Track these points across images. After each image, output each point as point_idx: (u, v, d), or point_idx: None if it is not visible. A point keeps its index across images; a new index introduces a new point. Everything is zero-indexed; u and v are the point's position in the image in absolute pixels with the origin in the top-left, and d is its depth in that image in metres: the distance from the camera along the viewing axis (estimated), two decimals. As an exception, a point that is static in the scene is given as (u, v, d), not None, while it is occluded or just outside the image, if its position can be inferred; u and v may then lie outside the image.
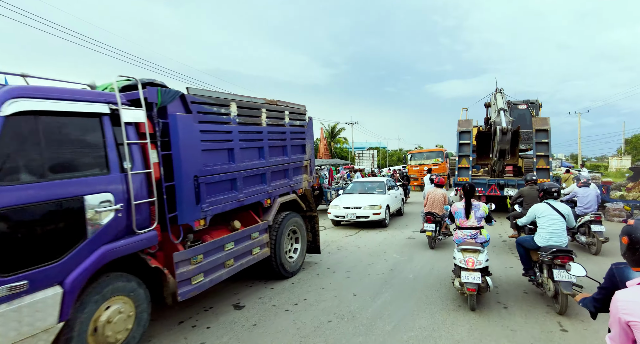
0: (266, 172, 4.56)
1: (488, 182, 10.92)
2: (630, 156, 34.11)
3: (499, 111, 9.38)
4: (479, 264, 3.97)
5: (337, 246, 7.79)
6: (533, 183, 6.93)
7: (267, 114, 4.61)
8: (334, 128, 46.55)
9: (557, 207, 4.31)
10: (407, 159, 23.67)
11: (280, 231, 4.90)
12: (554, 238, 4.14)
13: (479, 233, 4.45)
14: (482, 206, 4.57)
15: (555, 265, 3.87)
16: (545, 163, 10.43)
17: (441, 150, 22.21)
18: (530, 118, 12.48)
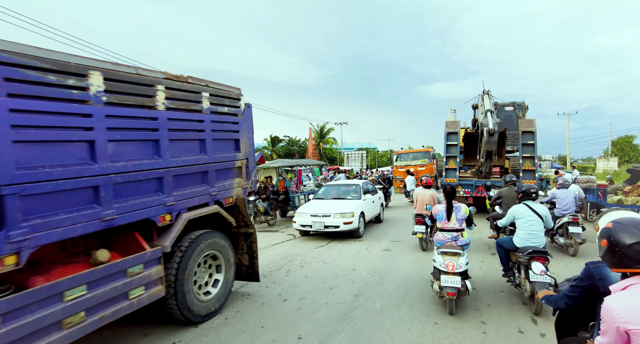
0: (164, 176, 3.15)
1: (475, 183, 10.89)
2: (617, 158, 34.23)
3: (486, 113, 9.23)
4: (459, 268, 3.86)
5: (300, 261, 6.49)
6: (512, 184, 6.92)
7: (168, 95, 3.21)
8: (322, 128, 45.58)
9: (535, 208, 4.32)
10: (393, 159, 22.39)
11: (187, 259, 3.41)
12: (532, 239, 4.15)
13: (459, 236, 4.40)
14: (463, 208, 4.49)
15: (530, 266, 3.91)
16: (531, 164, 10.33)
17: (428, 151, 20.84)
18: (517, 120, 12.46)
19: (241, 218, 4.29)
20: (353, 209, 8.08)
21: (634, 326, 1.39)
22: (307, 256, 6.81)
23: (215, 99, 3.89)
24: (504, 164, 12.49)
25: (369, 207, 9.10)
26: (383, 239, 8.10)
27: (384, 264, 6.14)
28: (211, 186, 3.78)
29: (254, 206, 9.63)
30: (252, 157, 4.56)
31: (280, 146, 44.72)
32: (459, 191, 11.06)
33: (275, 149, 44.44)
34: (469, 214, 4.50)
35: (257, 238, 4.53)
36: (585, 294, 1.99)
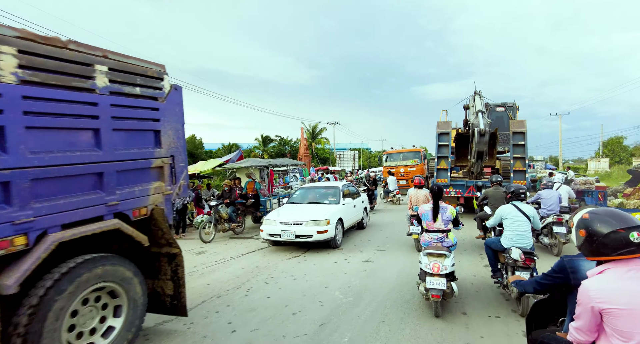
0: (11, 180, 2.14)
1: (466, 183, 10.90)
2: (607, 159, 34.21)
3: (477, 113, 9.20)
4: (445, 269, 3.79)
5: (267, 276, 5.55)
6: (498, 184, 6.98)
7: (24, 62, 2.22)
8: (315, 128, 45.00)
9: (522, 209, 4.29)
10: (383, 160, 21.27)
11: (49, 304, 2.29)
12: (519, 240, 4.11)
13: (445, 236, 4.35)
14: (449, 209, 4.44)
15: (517, 267, 3.88)
16: (521, 165, 10.35)
17: (419, 151, 19.90)
18: (508, 121, 12.54)
19: (161, 235, 3.25)
20: (329, 215, 7.07)
21: (609, 305, 1.48)
22: (276, 270, 5.88)
23: (119, 75, 2.87)
24: (495, 164, 12.45)
25: (348, 213, 8.11)
26: (365, 248, 7.20)
27: (362, 279, 5.25)
28: (108, 192, 2.75)
29: (215, 212, 8.53)
30: (181, 155, 3.58)
31: (272, 146, 44.02)
32: (450, 191, 11.00)
33: (266, 149, 43.70)
34: (456, 215, 4.45)
35: (183, 260, 3.51)
36: (555, 284, 2.06)
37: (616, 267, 1.57)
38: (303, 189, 9.07)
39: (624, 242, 1.55)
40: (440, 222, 4.34)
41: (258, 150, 43.81)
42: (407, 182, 18.86)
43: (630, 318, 1.45)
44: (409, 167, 18.90)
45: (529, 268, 3.80)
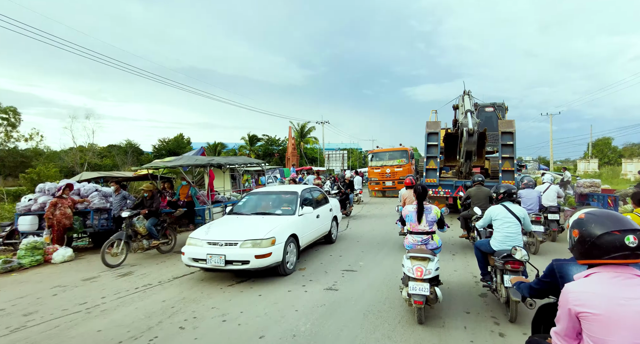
0: None
1: (455, 183, 10.81)
2: (597, 159, 34.03)
3: (465, 113, 9.14)
4: (428, 274, 3.55)
5: (188, 315, 4.07)
6: (480, 184, 7.02)
7: None
8: (303, 127, 44.09)
9: (513, 210, 4.12)
10: (368, 159, 19.86)
11: None
12: (509, 242, 3.92)
13: (430, 239, 4.09)
14: (434, 210, 4.17)
15: (506, 270, 3.68)
16: (510, 165, 10.23)
17: (406, 150, 18.50)
18: (497, 121, 12.38)
19: None
20: (275, 232, 5.25)
21: (585, 308, 1.43)
22: (206, 305, 4.37)
23: None
24: (484, 164, 12.32)
25: (308, 226, 6.34)
26: (332, 269, 5.73)
27: (315, 320, 3.83)
28: None
29: (127, 227, 6.42)
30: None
31: (259, 146, 42.80)
32: (439, 191, 10.93)
33: (253, 148, 42.46)
34: (440, 216, 4.23)
35: None
36: (547, 289, 2.01)
37: (603, 271, 1.50)
38: (251, 195, 7.20)
39: (618, 245, 1.47)
40: (425, 224, 4.10)
41: (245, 149, 42.50)
42: (393, 183, 17.85)
43: (604, 324, 1.38)
44: (396, 167, 17.80)
45: (517, 272, 3.63)
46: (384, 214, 12.18)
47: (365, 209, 13.90)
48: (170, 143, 36.80)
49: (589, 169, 31.04)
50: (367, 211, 13.48)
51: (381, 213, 12.60)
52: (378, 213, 12.70)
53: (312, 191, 7.48)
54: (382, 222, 10.58)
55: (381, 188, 18.63)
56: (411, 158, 18.20)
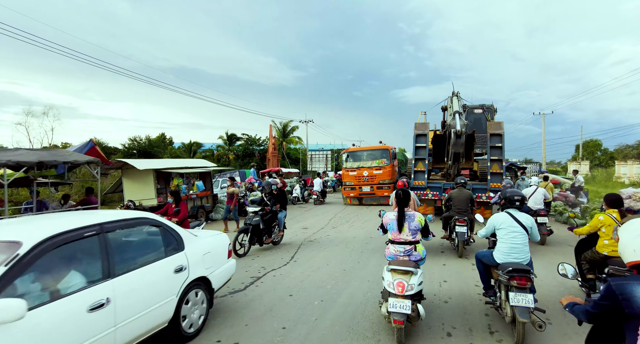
0: None
1: (443, 186, 11.28)
2: (588, 161, 35.89)
3: (454, 114, 9.46)
4: (410, 289, 3.51)
5: None
6: (462, 186, 7.47)
7: None
8: (286, 126, 44.22)
9: (519, 218, 3.99)
10: (342, 160, 17.82)
11: None
12: (514, 254, 3.85)
13: (413, 249, 3.98)
14: (417, 217, 4.06)
15: (511, 287, 3.59)
16: (499, 167, 10.72)
17: (387, 148, 16.74)
18: (486, 122, 12.89)
19: None
20: None
21: None
22: None
23: None
24: (472, 166, 13.04)
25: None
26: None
27: None
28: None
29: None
30: None
31: (238, 145, 43.21)
32: (428, 193, 11.37)
33: (232, 148, 42.96)
34: (425, 224, 4.10)
35: None
36: (607, 314, 1.88)
37: None
38: None
39: None
40: (407, 233, 3.98)
41: (222, 148, 42.97)
42: (371, 189, 16.37)
43: None
44: (375, 169, 16.23)
45: (525, 288, 3.50)
46: (356, 238, 9.01)
47: (330, 226, 11.16)
48: (143, 142, 37.20)
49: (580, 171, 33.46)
50: (332, 228, 10.72)
51: (351, 236, 9.21)
52: (346, 235, 9.42)
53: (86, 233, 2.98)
54: (351, 254, 7.40)
55: (357, 194, 16.81)
56: (393, 158, 16.72)
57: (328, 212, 14.50)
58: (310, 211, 15.21)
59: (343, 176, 17.47)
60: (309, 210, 15.71)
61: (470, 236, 7.21)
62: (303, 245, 8.45)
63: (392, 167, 16.37)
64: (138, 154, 34.79)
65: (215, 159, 40.47)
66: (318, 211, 15.12)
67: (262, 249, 8.13)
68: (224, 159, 40.86)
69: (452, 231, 7.30)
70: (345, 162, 17.42)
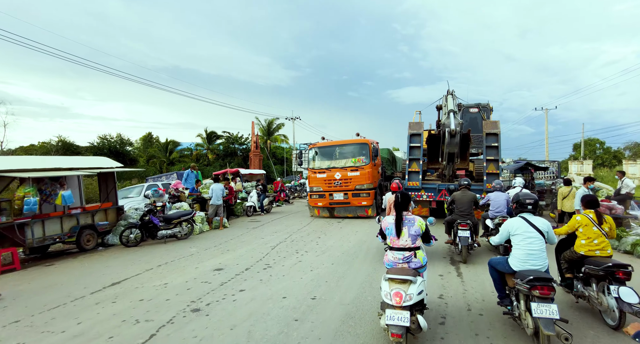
0: None
1: (438, 187, 11.62)
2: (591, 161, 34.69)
3: (448, 113, 9.73)
4: (409, 300, 3.47)
5: None
6: (466, 188, 7.63)
7: None
8: (271, 123, 44.33)
9: (534, 222, 4.07)
10: (309, 158, 14.87)
11: None
12: (531, 261, 3.90)
13: (413, 256, 3.96)
14: (417, 221, 4.06)
15: (533, 297, 3.58)
16: (495, 167, 11.05)
17: (365, 143, 13.88)
18: (482, 122, 13.12)
19: None
20: None
21: None
22: None
23: None
24: (468, 167, 13.55)
25: None
26: None
27: None
28: None
29: None
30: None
31: (219, 143, 43.49)
32: (422, 194, 11.75)
33: (211, 147, 42.98)
34: (426, 229, 4.10)
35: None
36: None
37: None
38: None
39: None
40: (406, 238, 3.99)
41: (201, 148, 43.14)
42: (345, 196, 13.51)
43: None
44: (350, 169, 13.44)
45: (548, 298, 3.51)
46: (302, 304, 5.11)
47: (266, 261, 7.72)
48: (114, 141, 37.06)
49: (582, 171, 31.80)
50: (265, 267, 7.25)
51: (293, 297, 5.44)
52: (284, 289, 5.81)
53: None
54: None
55: (327, 204, 13.88)
56: (374, 156, 13.92)
57: (281, 232, 11.38)
58: (256, 230, 12.08)
59: (309, 180, 14.40)
60: (258, 227, 12.67)
61: (475, 240, 7.33)
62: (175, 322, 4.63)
63: (372, 167, 13.56)
64: (109, 154, 35.06)
65: (194, 158, 40.96)
66: (268, 229, 12.01)
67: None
68: (203, 158, 41.34)
69: (456, 235, 7.37)
70: (313, 160, 14.55)
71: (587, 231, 4.56)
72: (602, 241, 4.50)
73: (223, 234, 11.44)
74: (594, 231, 4.53)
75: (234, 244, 9.83)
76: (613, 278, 4.12)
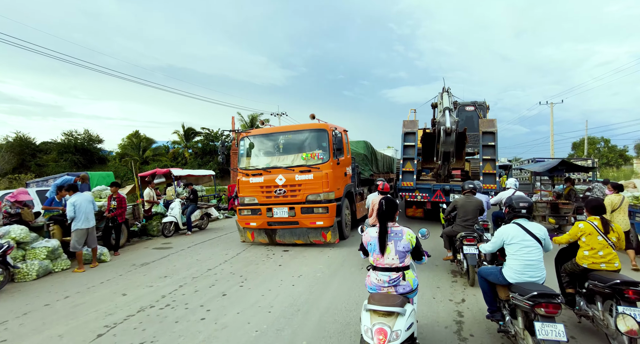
0: None
1: (433, 187, 11.94)
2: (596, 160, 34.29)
3: (444, 111, 9.99)
4: (395, 339, 2.98)
5: None
6: (471, 193, 6.89)
7: None
8: (254, 118, 42.88)
9: (530, 229, 3.96)
10: (240, 153, 10.36)
11: None
12: (529, 272, 3.80)
13: (401, 278, 3.44)
14: (405, 234, 3.54)
15: (536, 315, 3.38)
16: (491, 167, 11.37)
17: (323, 128, 9.79)
18: (478, 121, 13.58)
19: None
20: None
21: None
22: None
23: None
24: (464, 166, 13.87)
25: None
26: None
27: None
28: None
29: None
30: None
31: (197, 141, 43.64)
32: (417, 195, 12.00)
33: (189, 144, 43.05)
34: (416, 243, 3.60)
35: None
36: None
37: None
38: None
39: None
40: (393, 256, 3.46)
41: (178, 145, 43.26)
42: (292, 211, 9.38)
43: None
44: (299, 171, 9.39)
45: (553, 317, 3.33)
46: None
47: None
48: (81, 138, 36.61)
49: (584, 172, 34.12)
50: None
51: None
52: None
53: None
54: None
55: (264, 223, 9.74)
56: (338, 150, 9.71)
57: (177, 275, 7.49)
58: (144, 268, 8.22)
59: (239, 186, 10.00)
60: (154, 262, 8.78)
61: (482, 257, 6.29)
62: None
63: (335, 167, 9.56)
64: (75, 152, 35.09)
65: (170, 157, 41.08)
66: (163, 268, 8.15)
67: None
68: (180, 159, 41.50)
69: (458, 250, 6.63)
70: (244, 157, 10.28)
71: (591, 241, 4.29)
72: (609, 252, 4.21)
73: (76, 282, 7.23)
74: (599, 241, 4.26)
75: (66, 310, 5.72)
76: (621, 297, 3.77)
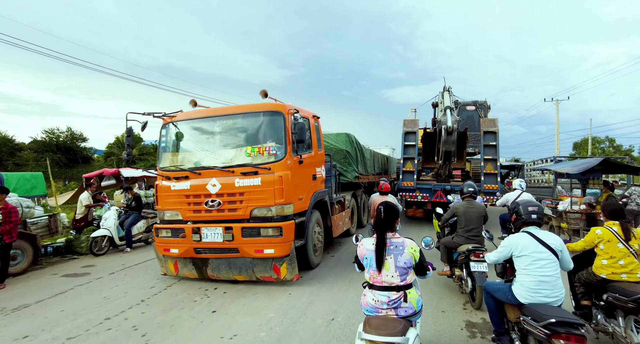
0: None
1: (433, 187, 12.28)
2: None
3: (445, 110, 10.26)
4: None
5: None
6: (471, 197, 6.09)
7: None
8: None
9: (544, 239, 3.48)
10: (161, 147, 7.41)
11: None
12: (544, 291, 3.31)
13: (402, 299, 3.04)
14: (407, 247, 3.14)
15: None
16: (493, 167, 11.68)
17: (278, 110, 6.75)
18: (479, 120, 13.95)
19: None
20: None
21: None
22: None
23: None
24: (464, 166, 14.33)
25: None
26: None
27: None
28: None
29: None
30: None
31: None
32: (417, 195, 12.21)
33: None
34: (420, 257, 3.21)
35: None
36: None
37: None
38: None
39: None
40: (393, 272, 3.10)
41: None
42: (227, 234, 6.44)
43: None
44: (240, 173, 6.51)
45: None
46: None
47: None
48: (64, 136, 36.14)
49: None
50: None
51: None
52: None
53: None
54: None
55: (189, 251, 6.82)
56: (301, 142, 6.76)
57: (34, 340, 4.87)
58: (8, 320, 5.65)
59: (158, 196, 7.23)
60: (49, 298, 6.60)
61: None
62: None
63: (294, 166, 6.91)
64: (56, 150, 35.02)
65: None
66: (49, 311, 5.98)
67: None
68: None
69: (459, 266, 5.88)
70: (166, 152, 7.51)
71: (610, 249, 3.99)
72: (631, 261, 3.89)
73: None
74: (619, 248, 3.96)
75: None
76: None
